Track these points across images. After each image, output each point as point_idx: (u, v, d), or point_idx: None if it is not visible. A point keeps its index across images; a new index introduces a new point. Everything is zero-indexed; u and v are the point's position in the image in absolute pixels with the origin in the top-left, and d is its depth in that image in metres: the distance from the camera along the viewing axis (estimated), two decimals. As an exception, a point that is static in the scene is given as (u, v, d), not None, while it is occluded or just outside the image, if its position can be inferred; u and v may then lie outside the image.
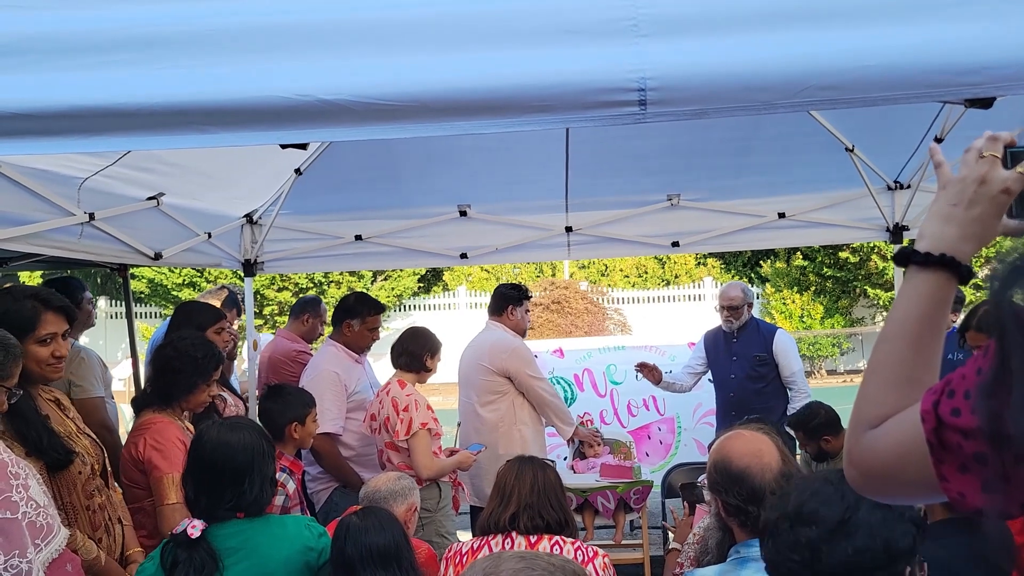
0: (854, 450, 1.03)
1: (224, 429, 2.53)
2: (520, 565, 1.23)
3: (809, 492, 1.57)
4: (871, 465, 1.00)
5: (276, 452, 2.75)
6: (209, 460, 2.45)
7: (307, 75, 1.58)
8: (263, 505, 2.48)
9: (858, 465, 1.02)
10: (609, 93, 1.54)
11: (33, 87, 1.58)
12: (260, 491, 2.44)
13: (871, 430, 1.01)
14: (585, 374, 7.25)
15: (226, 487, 2.42)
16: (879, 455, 0.99)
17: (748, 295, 5.55)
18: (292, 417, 3.78)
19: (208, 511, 2.41)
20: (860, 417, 1.03)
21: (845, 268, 18.43)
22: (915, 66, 1.50)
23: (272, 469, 2.52)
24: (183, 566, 2.29)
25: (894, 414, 0.99)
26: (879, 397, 1.01)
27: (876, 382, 1.03)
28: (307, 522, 2.57)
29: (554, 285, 18.13)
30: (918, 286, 1.03)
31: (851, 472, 1.04)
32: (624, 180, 5.13)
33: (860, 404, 1.04)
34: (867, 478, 1.02)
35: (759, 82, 1.52)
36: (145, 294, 18.61)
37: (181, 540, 2.32)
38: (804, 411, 4.64)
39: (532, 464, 3.04)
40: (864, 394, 1.04)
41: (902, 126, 4.47)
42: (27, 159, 3.00)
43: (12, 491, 2.02)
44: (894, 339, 1.03)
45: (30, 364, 2.61)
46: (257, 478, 2.43)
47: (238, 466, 2.43)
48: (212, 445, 2.48)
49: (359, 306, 4.77)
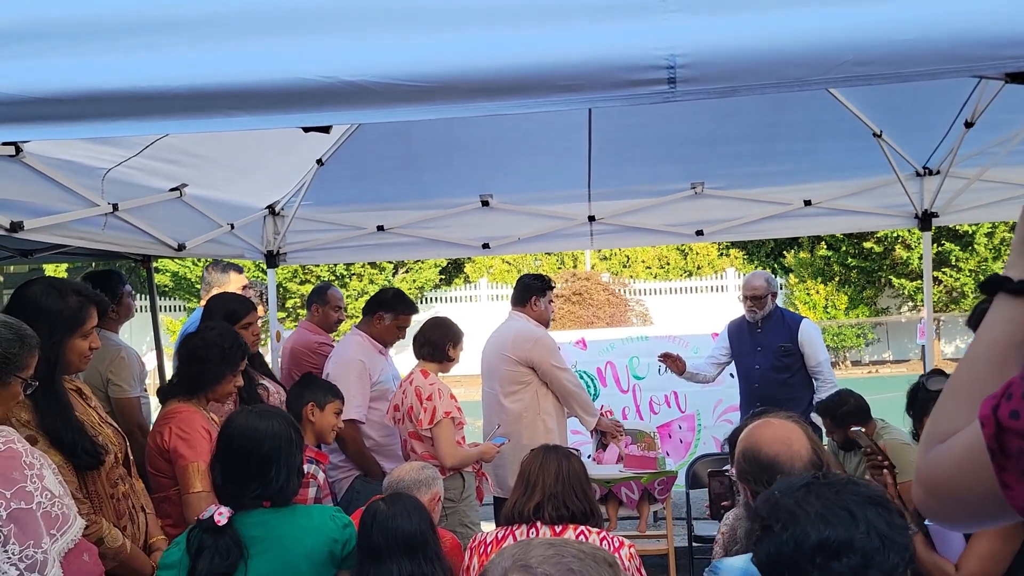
0: (920, 466, 1.01)
1: (253, 416, 2.54)
2: (550, 552, 1.21)
3: (819, 520, 1.49)
4: (936, 479, 0.98)
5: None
6: (236, 446, 2.46)
7: (330, 56, 1.55)
8: (289, 495, 2.47)
9: (924, 482, 1.00)
10: (637, 71, 1.50)
11: (57, 72, 1.57)
12: (287, 480, 2.43)
13: (939, 445, 0.98)
14: (608, 368, 7.21)
15: (252, 475, 2.42)
16: (943, 468, 0.97)
17: (772, 284, 5.48)
18: (310, 398, 3.76)
19: (235, 498, 2.41)
20: (931, 433, 1.01)
21: (870, 258, 18.22)
22: (953, 39, 1.45)
23: (299, 459, 2.51)
24: (208, 552, 2.30)
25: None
26: (953, 413, 0.99)
27: (953, 399, 1.01)
28: (332, 512, 2.57)
29: (575, 277, 18.07)
30: (1007, 313, 1.01)
31: (917, 491, 1.02)
32: (647, 168, 5.09)
33: (934, 420, 1.02)
34: (932, 495, 0.99)
35: (792, 58, 1.48)
36: (169, 287, 18.76)
37: (207, 526, 2.33)
38: (833, 398, 4.58)
39: (556, 453, 3.01)
40: (940, 411, 1.02)
41: (931, 110, 4.39)
42: (51, 150, 3.01)
43: (27, 481, 2.02)
44: (979, 361, 1.01)
45: (72, 357, 2.66)
46: (284, 467, 2.43)
47: (265, 454, 2.42)
48: (240, 431, 2.48)
49: (395, 302, 4.77)
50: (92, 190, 3.35)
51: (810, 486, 1.56)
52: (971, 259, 16.95)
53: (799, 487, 1.57)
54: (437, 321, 4.50)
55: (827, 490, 1.54)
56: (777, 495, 1.58)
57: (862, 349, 19.14)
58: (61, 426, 2.54)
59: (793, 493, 1.55)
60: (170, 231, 4.08)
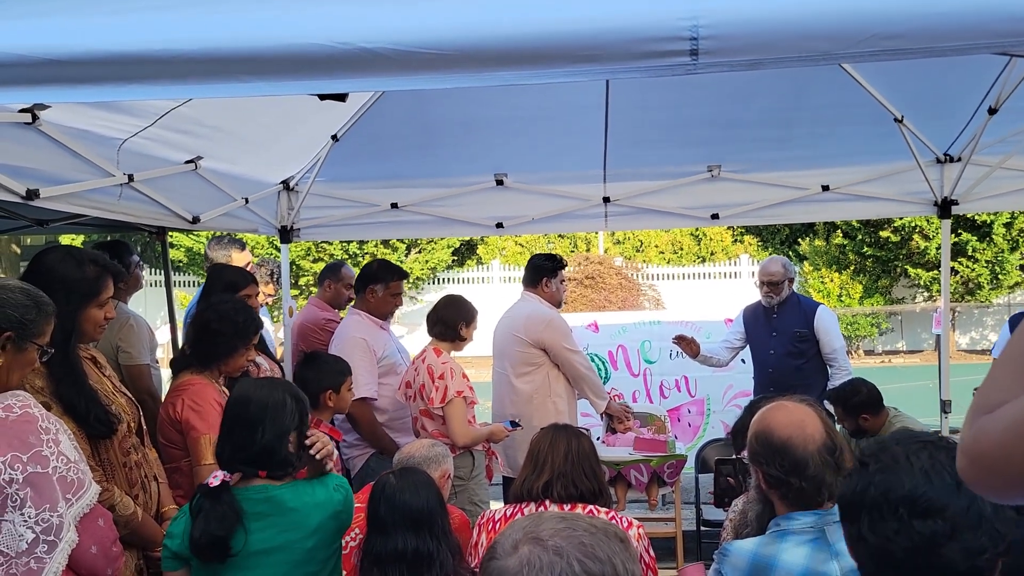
0: (967, 435, 0.98)
1: (251, 383, 2.57)
2: (561, 525, 1.20)
3: (921, 475, 1.41)
4: (984, 450, 0.95)
5: (313, 419, 2.74)
6: (229, 411, 2.50)
7: (348, 23, 1.53)
8: (281, 460, 2.43)
9: (969, 451, 0.97)
10: (659, 42, 1.47)
11: (68, 33, 1.55)
12: (274, 443, 2.41)
13: (986, 415, 0.95)
14: (619, 351, 7.20)
15: (240, 436, 2.42)
16: (990, 439, 0.93)
17: (789, 270, 5.44)
18: (327, 385, 3.78)
19: (229, 462, 2.42)
20: (980, 402, 0.98)
21: (886, 247, 18.08)
22: (983, 13, 1.41)
23: (293, 424, 2.46)
24: (204, 514, 2.32)
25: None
26: (1004, 383, 0.96)
27: (1006, 370, 0.97)
28: (336, 482, 2.55)
29: (588, 260, 18.04)
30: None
31: (962, 461, 0.99)
32: (664, 151, 5.04)
33: (983, 390, 0.99)
34: (977, 465, 0.97)
35: (819, 30, 1.44)
36: (183, 262, 18.85)
37: (204, 490, 2.35)
38: (846, 386, 4.56)
39: (566, 432, 3.01)
40: (990, 382, 0.99)
41: (954, 95, 4.33)
42: (68, 118, 3.00)
43: (43, 446, 2.03)
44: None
45: (87, 326, 2.67)
46: (269, 426, 2.41)
47: (250, 414, 2.43)
48: (235, 396, 2.52)
49: (382, 272, 4.79)
50: (108, 160, 3.34)
51: (929, 444, 1.46)
52: (988, 250, 16.81)
53: (917, 440, 1.48)
54: (450, 299, 4.49)
55: (944, 454, 1.43)
56: (889, 441, 1.49)
57: (876, 338, 19.05)
58: (75, 394, 2.55)
59: (907, 443, 1.46)
60: (185, 203, 4.08)
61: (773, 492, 2.23)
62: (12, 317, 2.16)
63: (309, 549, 2.40)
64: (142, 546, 2.72)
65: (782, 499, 2.22)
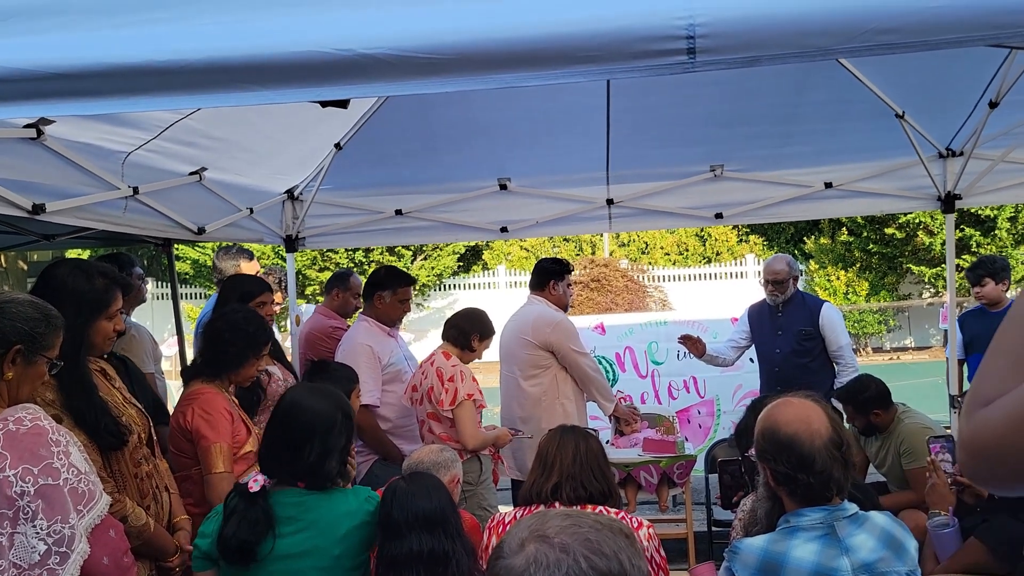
0: (965, 429, 0.97)
1: (305, 392, 2.57)
2: (567, 522, 1.20)
3: None
4: (984, 443, 0.95)
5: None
6: (279, 418, 2.50)
7: (347, 29, 1.55)
8: (324, 477, 2.45)
9: (969, 445, 0.97)
10: (656, 41, 1.48)
11: (73, 46, 1.56)
12: (320, 460, 2.43)
13: (983, 409, 0.95)
14: (627, 353, 7.18)
15: (287, 447, 2.44)
16: (991, 431, 0.93)
17: (794, 268, 5.43)
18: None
19: (270, 469, 2.43)
20: (975, 396, 0.98)
21: (891, 244, 18.03)
22: (979, 6, 1.42)
23: (342, 445, 2.49)
24: (237, 516, 2.33)
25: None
26: (999, 376, 0.96)
27: (998, 362, 0.97)
28: (368, 495, 2.56)
29: (594, 263, 18.02)
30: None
31: (962, 455, 0.99)
32: (666, 151, 5.05)
33: (977, 383, 0.99)
34: (979, 459, 0.96)
35: (815, 26, 1.45)
36: (189, 275, 18.89)
37: (242, 491, 2.36)
38: (854, 383, 4.54)
39: (574, 434, 3.01)
40: (983, 374, 0.99)
41: (955, 89, 4.33)
42: (72, 132, 3.02)
43: (53, 458, 2.04)
44: (1021, 320, 0.98)
45: (97, 339, 2.69)
46: (319, 445, 2.43)
47: (301, 429, 2.44)
48: (287, 404, 2.52)
49: (390, 278, 4.81)
50: (112, 173, 3.37)
51: None
52: (992, 245, 16.75)
53: None
54: (472, 311, 4.52)
55: None
56: None
57: (883, 335, 18.98)
58: (85, 406, 2.57)
59: None
60: (190, 215, 4.10)
61: (781, 489, 2.23)
62: (22, 330, 2.17)
63: (336, 556, 2.41)
64: (154, 557, 2.72)
65: (790, 495, 2.22)
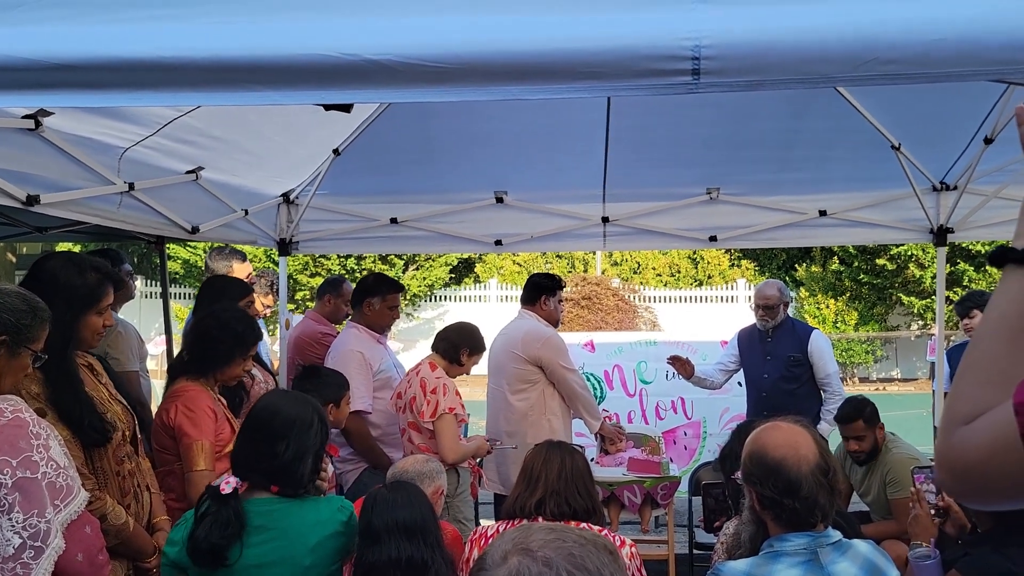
0: (944, 450, 0.97)
1: (281, 395, 2.59)
2: (551, 536, 1.19)
3: None
4: (964, 464, 0.95)
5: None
6: (254, 417, 2.49)
7: (354, 34, 1.55)
8: (297, 480, 2.43)
9: (949, 466, 0.97)
10: (661, 61, 1.49)
11: (76, 38, 1.56)
12: (294, 461, 2.41)
13: (962, 428, 0.95)
14: (615, 371, 7.18)
15: (261, 447, 2.42)
16: (970, 452, 0.93)
17: (784, 294, 5.45)
18: (328, 398, 3.77)
19: (244, 470, 2.41)
20: (952, 416, 0.98)
21: (882, 275, 18.14)
22: (980, 40, 1.43)
23: (315, 447, 2.48)
24: (209, 518, 2.31)
25: (987, 412, 0.94)
26: (973, 395, 0.96)
27: (970, 380, 0.98)
28: (340, 504, 2.54)
29: (585, 281, 18.05)
30: (1016, 284, 0.98)
31: (941, 475, 0.99)
32: (663, 172, 5.07)
33: (952, 403, 0.99)
34: (959, 479, 0.97)
35: (819, 53, 1.46)
36: (180, 274, 18.82)
37: (214, 493, 2.34)
38: (853, 402, 4.51)
39: (560, 449, 3.00)
40: (957, 392, 0.99)
41: (951, 124, 4.36)
42: (70, 125, 3.01)
43: (33, 451, 2.02)
44: (991, 337, 0.98)
45: (86, 333, 2.67)
46: (293, 446, 2.41)
47: (276, 428, 2.43)
48: (261, 405, 2.53)
49: (379, 285, 4.81)
50: (109, 168, 3.35)
51: None
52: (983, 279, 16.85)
53: None
54: (466, 325, 4.50)
55: None
56: None
57: (870, 366, 19.04)
58: (70, 401, 2.54)
59: None
60: (184, 213, 4.09)
61: (766, 513, 2.23)
62: (8, 321, 2.16)
63: (306, 567, 2.38)
64: (132, 557, 2.69)
65: (775, 520, 2.22)
